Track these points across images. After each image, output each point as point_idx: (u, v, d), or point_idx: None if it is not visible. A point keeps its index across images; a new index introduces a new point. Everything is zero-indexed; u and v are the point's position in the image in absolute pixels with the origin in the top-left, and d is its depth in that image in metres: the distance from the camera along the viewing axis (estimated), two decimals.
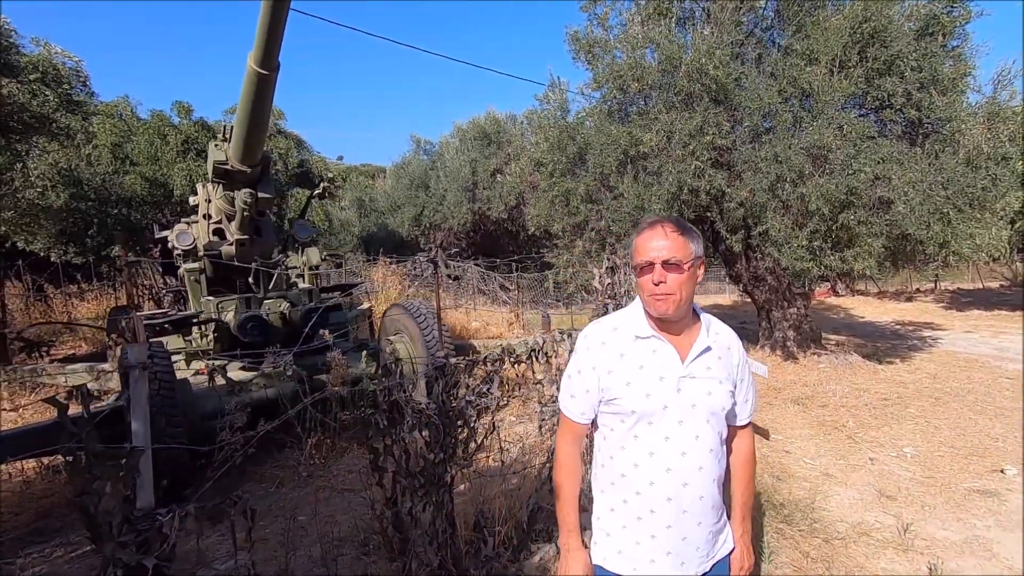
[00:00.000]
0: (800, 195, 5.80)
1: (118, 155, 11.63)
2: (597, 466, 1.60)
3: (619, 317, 1.58)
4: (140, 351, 1.85)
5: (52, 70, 7.14)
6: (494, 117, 16.14)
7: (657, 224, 1.47)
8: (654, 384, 1.45)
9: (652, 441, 1.45)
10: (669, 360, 1.47)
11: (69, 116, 7.25)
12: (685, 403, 1.45)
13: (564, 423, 1.62)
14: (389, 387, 2.34)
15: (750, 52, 7.22)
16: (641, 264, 1.45)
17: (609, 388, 1.49)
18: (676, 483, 1.45)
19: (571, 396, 1.58)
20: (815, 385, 6.95)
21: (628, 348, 1.49)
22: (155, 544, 1.86)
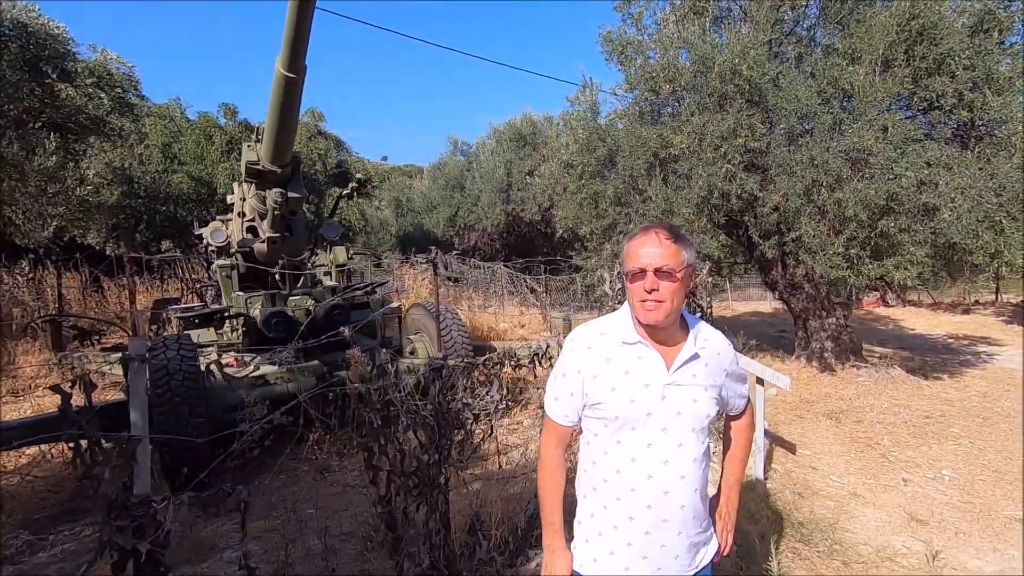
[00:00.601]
0: (837, 200, 5.55)
1: (168, 155, 12.25)
2: (581, 470, 1.61)
3: (607, 321, 1.57)
4: (140, 344, 1.92)
5: (106, 75, 7.59)
6: (530, 118, 16.13)
7: (650, 230, 1.46)
8: (639, 390, 1.45)
9: (634, 447, 1.45)
10: (655, 367, 1.46)
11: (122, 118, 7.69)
12: (670, 411, 1.45)
13: (548, 425, 1.62)
14: (384, 386, 2.36)
15: (790, 51, 6.97)
16: (633, 271, 1.44)
17: (594, 392, 1.49)
18: (657, 491, 1.44)
19: (555, 399, 1.59)
20: (851, 399, 6.64)
21: (614, 353, 1.49)
22: (149, 530, 1.93)
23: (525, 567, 2.74)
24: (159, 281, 11.34)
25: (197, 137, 12.09)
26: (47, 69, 6.29)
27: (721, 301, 20.13)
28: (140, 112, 9.61)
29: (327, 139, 15.56)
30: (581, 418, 1.58)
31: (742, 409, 1.75)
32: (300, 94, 4.69)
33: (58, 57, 6.33)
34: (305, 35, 4.10)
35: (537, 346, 2.91)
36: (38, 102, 6.45)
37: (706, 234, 6.54)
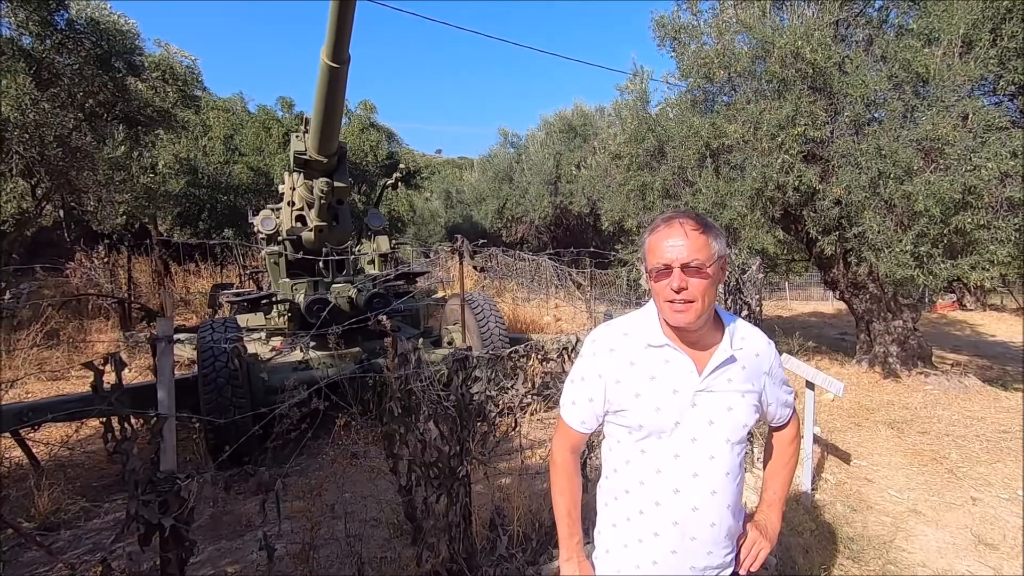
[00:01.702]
0: (905, 193, 5.13)
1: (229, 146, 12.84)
2: (603, 476, 1.50)
3: (631, 321, 1.44)
4: (166, 325, 1.97)
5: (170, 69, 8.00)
6: (582, 110, 15.86)
7: (674, 221, 1.30)
8: (666, 397, 1.32)
9: (660, 458, 1.33)
10: (684, 372, 1.32)
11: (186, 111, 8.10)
12: (701, 420, 1.32)
13: (562, 429, 1.51)
14: (405, 375, 2.33)
15: (859, 33, 6.50)
16: (657, 268, 1.28)
17: (616, 399, 1.37)
18: (685, 506, 1.31)
19: (572, 403, 1.47)
20: (917, 409, 6.18)
21: (639, 356, 1.36)
22: (174, 505, 1.99)
23: (547, 566, 2.68)
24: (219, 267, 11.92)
25: (256, 129, 12.61)
26: (117, 64, 6.69)
27: (778, 300, 19.27)
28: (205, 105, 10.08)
29: (379, 131, 15.88)
30: (603, 423, 1.47)
31: (787, 419, 1.57)
32: (344, 84, 4.76)
33: (127, 52, 6.73)
34: (348, 25, 4.14)
35: (567, 340, 2.82)
36: (110, 95, 6.87)
37: (759, 229, 6.20)
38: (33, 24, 6.04)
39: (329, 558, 2.98)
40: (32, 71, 5.97)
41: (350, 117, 15.72)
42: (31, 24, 5.96)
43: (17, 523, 2.79)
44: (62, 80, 6.63)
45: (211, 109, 12.31)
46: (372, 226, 6.42)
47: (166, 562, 2.02)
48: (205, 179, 11.46)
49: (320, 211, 5.95)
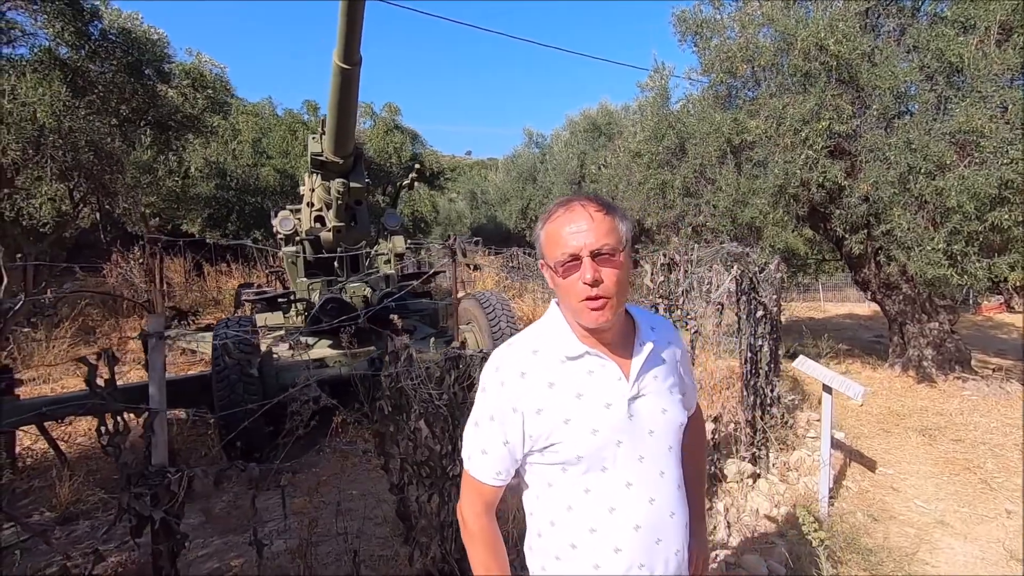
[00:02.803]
0: (937, 189, 4.89)
1: (257, 149, 13.18)
2: (532, 535, 1.21)
3: (536, 335, 1.20)
4: (157, 321, 2.01)
5: (200, 76, 8.27)
6: (607, 109, 15.70)
7: (574, 203, 1.12)
8: (600, 415, 1.10)
9: (610, 493, 1.11)
10: (612, 381, 1.13)
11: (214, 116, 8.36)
12: (642, 432, 1.13)
13: (471, 486, 1.22)
14: (396, 374, 2.33)
15: (889, 23, 6.24)
16: (562, 260, 1.09)
17: (541, 433, 1.12)
18: (648, 542, 1.12)
19: (482, 452, 1.18)
20: (952, 415, 5.89)
21: (557, 375, 1.13)
22: (164, 499, 2.02)
23: None
24: (248, 267, 12.24)
25: (283, 132, 12.91)
26: (148, 72, 6.95)
27: (811, 301, 18.69)
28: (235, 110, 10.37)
29: (403, 133, 16.07)
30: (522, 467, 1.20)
31: (694, 404, 1.39)
32: (357, 85, 4.82)
33: (157, 60, 6.99)
34: (357, 27, 4.18)
35: None
36: (141, 102, 7.14)
37: (783, 227, 6.01)
38: (69, 34, 6.32)
39: (328, 555, 3.00)
40: (68, 79, 6.22)
41: (375, 120, 15.98)
42: (67, 34, 6.24)
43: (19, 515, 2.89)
44: (96, 88, 6.91)
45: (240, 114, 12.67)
46: (388, 226, 6.48)
47: (157, 554, 2.06)
48: (234, 182, 11.81)
49: (338, 211, 6.04)
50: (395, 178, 14.65)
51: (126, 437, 2.00)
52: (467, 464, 1.22)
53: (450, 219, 21.15)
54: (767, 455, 4.02)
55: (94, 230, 9.91)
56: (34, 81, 5.56)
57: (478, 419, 1.20)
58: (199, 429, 4.98)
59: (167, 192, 7.18)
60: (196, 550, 3.29)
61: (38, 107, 5.56)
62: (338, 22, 4.10)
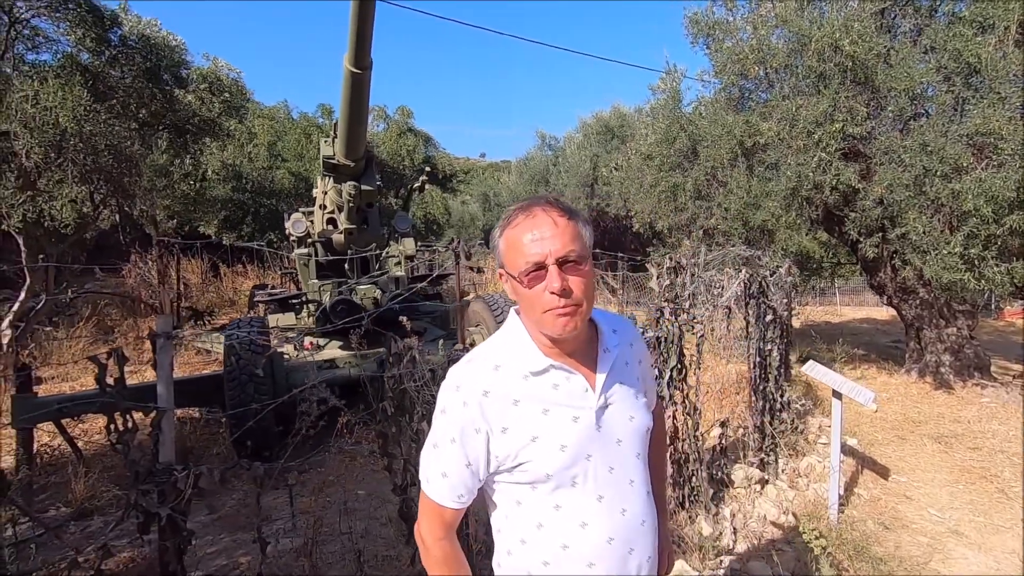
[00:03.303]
0: (953, 192, 4.81)
1: (272, 152, 13.40)
2: (502, 554, 1.18)
3: (495, 350, 1.15)
4: (165, 322, 2.05)
5: (216, 80, 8.43)
6: (619, 111, 15.66)
7: (535, 208, 1.07)
8: (568, 430, 1.07)
9: (582, 507, 1.09)
10: (578, 392, 1.10)
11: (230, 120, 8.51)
12: (610, 442, 1.11)
13: (430, 510, 1.16)
14: (398, 374, 2.35)
15: (906, 23, 6.15)
16: (526, 269, 1.03)
17: (508, 453, 1.08)
18: (621, 554, 1.10)
19: (442, 475, 1.12)
20: (970, 422, 5.77)
21: (521, 391, 1.09)
22: (171, 496, 2.06)
23: None
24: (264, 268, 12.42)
25: (298, 136, 13.09)
26: (166, 77, 7.10)
27: (828, 305, 18.43)
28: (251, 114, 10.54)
29: (416, 135, 16.18)
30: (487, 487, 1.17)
31: (655, 401, 1.35)
32: (368, 89, 4.86)
33: (175, 66, 7.15)
34: (368, 32, 4.23)
35: None
36: (159, 106, 7.29)
37: (796, 230, 5.95)
38: (90, 41, 6.48)
39: (333, 554, 3.03)
40: (88, 85, 6.37)
41: (388, 122, 16.14)
42: (88, 41, 6.40)
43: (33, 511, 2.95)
44: (116, 93, 7.07)
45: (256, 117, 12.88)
46: (399, 228, 6.53)
47: (164, 550, 2.10)
48: (250, 184, 12.01)
49: (349, 214, 6.10)
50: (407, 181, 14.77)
51: (135, 435, 2.05)
52: (425, 487, 1.16)
53: (463, 221, 21.24)
54: (776, 461, 3.97)
55: (114, 232, 10.13)
56: (56, 86, 5.70)
57: (437, 441, 1.13)
58: (212, 428, 5.06)
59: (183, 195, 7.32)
60: (205, 547, 3.35)
61: (60, 112, 5.69)
62: (349, 26, 4.15)
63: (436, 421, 1.14)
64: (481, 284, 10.50)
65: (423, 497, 1.17)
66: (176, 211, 7.61)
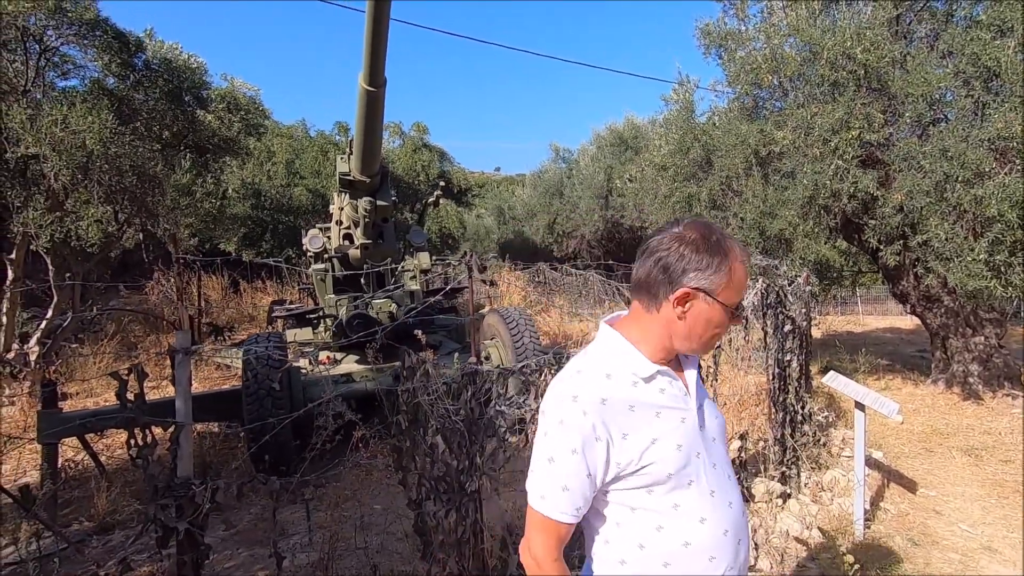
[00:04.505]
0: (976, 197, 4.71)
1: (291, 170, 13.66)
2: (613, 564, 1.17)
3: (602, 360, 1.18)
4: (184, 337, 2.09)
5: (235, 100, 8.65)
6: (633, 123, 15.69)
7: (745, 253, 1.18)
8: (680, 430, 1.14)
9: (699, 504, 1.14)
10: (681, 395, 1.18)
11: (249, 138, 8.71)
12: (708, 440, 1.20)
13: (547, 529, 1.13)
14: (412, 388, 2.35)
15: (922, 28, 6.09)
16: (735, 304, 1.13)
17: (631, 458, 1.11)
18: (733, 544, 1.17)
19: (563, 489, 1.10)
20: (1001, 434, 5.59)
21: (635, 397, 1.14)
22: (188, 510, 2.08)
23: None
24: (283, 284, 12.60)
25: (315, 154, 13.33)
26: (187, 98, 7.32)
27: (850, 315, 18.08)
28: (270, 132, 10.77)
29: (431, 151, 16.38)
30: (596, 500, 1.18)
31: None
32: (382, 106, 4.94)
33: (196, 87, 7.36)
34: (381, 51, 4.31)
35: None
36: (181, 127, 7.49)
37: (814, 239, 5.87)
38: (115, 66, 6.71)
39: (350, 569, 3.02)
40: (114, 108, 6.57)
41: (403, 138, 16.37)
42: (114, 66, 6.63)
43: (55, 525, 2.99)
44: (141, 115, 7.28)
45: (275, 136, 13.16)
46: (414, 243, 6.59)
47: (182, 564, 2.11)
48: (268, 202, 12.24)
49: (365, 229, 6.17)
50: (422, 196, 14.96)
51: (154, 449, 2.08)
52: (539, 505, 1.12)
53: (479, 235, 21.35)
54: (798, 474, 3.88)
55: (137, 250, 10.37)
56: (84, 110, 5.89)
57: (554, 455, 1.11)
58: (231, 443, 5.11)
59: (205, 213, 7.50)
60: (223, 562, 3.37)
61: (87, 135, 5.87)
62: (363, 45, 4.24)
63: (551, 434, 1.12)
64: (496, 297, 10.52)
65: (535, 516, 1.14)
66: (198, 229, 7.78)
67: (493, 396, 2.51)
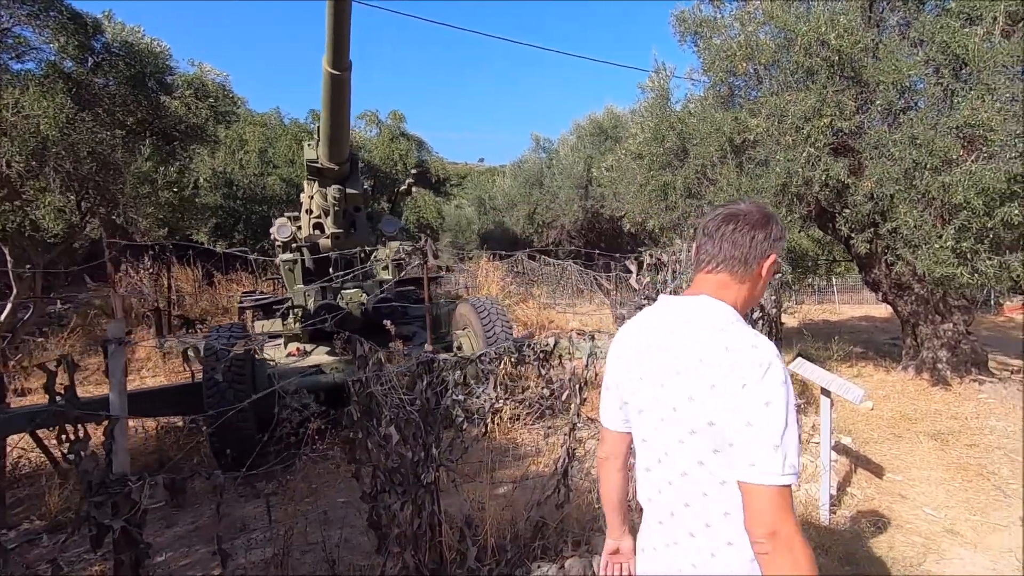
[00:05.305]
0: (944, 185, 4.74)
1: (264, 159, 13.35)
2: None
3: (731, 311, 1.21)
4: (118, 326, 1.98)
5: (203, 86, 8.38)
6: (613, 112, 15.62)
7: None
8: None
9: None
10: None
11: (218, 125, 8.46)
12: None
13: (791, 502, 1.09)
14: (364, 378, 2.28)
15: (894, 16, 6.10)
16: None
17: None
18: None
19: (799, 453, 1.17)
20: (967, 419, 5.68)
21: None
22: (124, 507, 1.99)
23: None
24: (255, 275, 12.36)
25: (289, 142, 13.05)
26: (151, 83, 7.05)
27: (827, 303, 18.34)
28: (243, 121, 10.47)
29: (408, 140, 16.15)
30: None
31: None
32: (348, 91, 4.81)
33: (159, 72, 7.10)
34: (345, 33, 4.18)
35: (546, 343, 2.70)
36: (145, 113, 7.24)
37: (788, 227, 5.87)
38: (72, 48, 6.43)
39: (307, 565, 2.95)
40: (71, 92, 6.32)
41: (380, 127, 16.12)
42: (71, 48, 6.36)
43: None
44: (102, 100, 7.01)
45: (248, 124, 12.83)
46: (386, 232, 6.47)
47: (119, 564, 2.02)
48: (241, 191, 11.95)
49: (336, 218, 6.04)
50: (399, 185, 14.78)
51: (86, 444, 1.98)
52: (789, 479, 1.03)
53: (460, 225, 21.18)
54: None
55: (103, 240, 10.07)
56: (37, 94, 5.65)
57: (789, 419, 1.05)
58: (196, 437, 4.98)
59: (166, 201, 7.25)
60: (180, 559, 3.27)
61: (41, 120, 5.64)
62: (326, 27, 4.10)
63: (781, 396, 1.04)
64: (474, 288, 10.43)
65: (784, 494, 1.03)
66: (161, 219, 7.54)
67: (450, 385, 2.45)
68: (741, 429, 1.04)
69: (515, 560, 2.60)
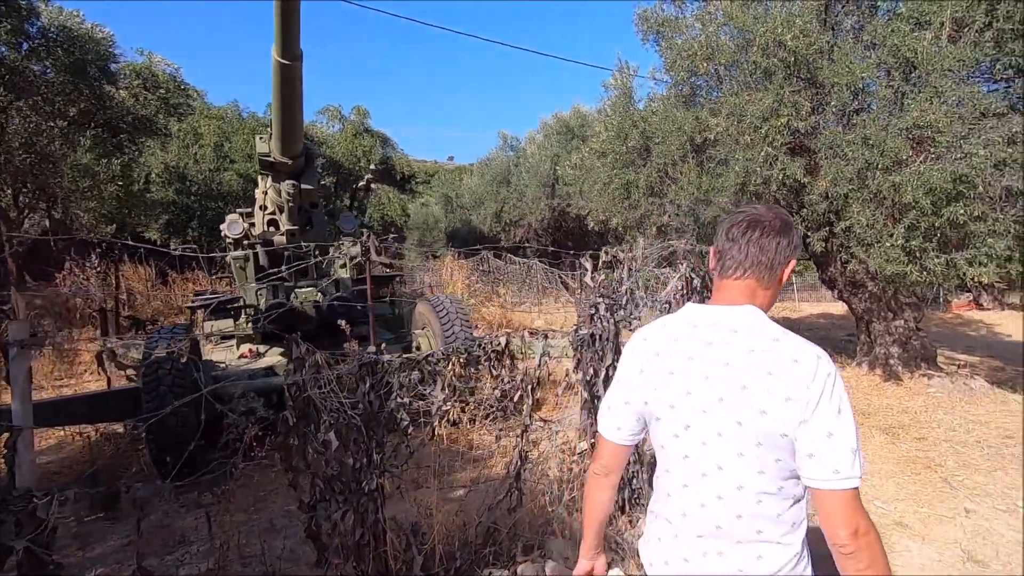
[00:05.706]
0: (894, 184, 4.85)
1: (220, 154, 12.89)
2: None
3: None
4: (21, 328, 1.81)
5: (152, 76, 7.99)
6: (579, 111, 15.65)
7: None
8: None
9: None
10: None
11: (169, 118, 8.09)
12: None
13: None
14: (301, 382, 2.15)
15: (848, 20, 6.23)
16: None
17: None
18: None
19: None
20: (916, 413, 5.84)
21: None
22: (29, 526, 1.82)
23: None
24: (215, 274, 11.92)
25: (247, 136, 12.62)
26: (92, 72, 6.67)
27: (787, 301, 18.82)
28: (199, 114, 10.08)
29: (372, 136, 15.84)
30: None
31: None
32: (300, 81, 4.62)
33: (101, 59, 6.71)
34: (294, 21, 4.01)
35: (497, 342, 2.61)
36: (88, 103, 6.85)
37: None
38: (5, 33, 6.02)
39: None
40: (3, 79, 5.93)
41: (343, 123, 15.77)
42: (2, 32, 5.95)
43: None
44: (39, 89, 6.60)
45: (203, 117, 12.37)
46: (344, 229, 6.29)
47: None
48: (195, 187, 11.48)
49: (291, 215, 5.82)
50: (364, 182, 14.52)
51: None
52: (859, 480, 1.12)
53: (427, 223, 20.93)
54: None
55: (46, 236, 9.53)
56: None
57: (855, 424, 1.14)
58: (134, 444, 4.72)
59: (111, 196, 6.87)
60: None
61: None
62: (274, 15, 3.92)
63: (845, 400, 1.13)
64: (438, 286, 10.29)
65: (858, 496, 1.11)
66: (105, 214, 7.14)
67: (395, 388, 2.34)
68: (823, 440, 1.08)
69: (465, 567, 2.51)
